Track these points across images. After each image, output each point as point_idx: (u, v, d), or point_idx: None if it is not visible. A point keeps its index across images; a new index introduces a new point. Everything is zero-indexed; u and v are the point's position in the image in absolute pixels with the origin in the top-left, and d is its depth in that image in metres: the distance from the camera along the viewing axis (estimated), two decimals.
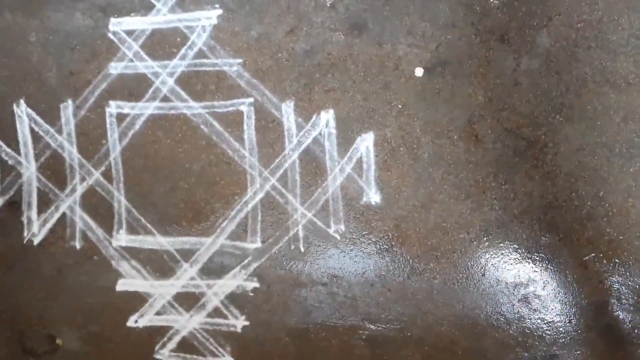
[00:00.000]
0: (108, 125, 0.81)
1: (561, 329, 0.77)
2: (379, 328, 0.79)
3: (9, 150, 0.84)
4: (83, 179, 0.83)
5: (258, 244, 0.80)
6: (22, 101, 0.83)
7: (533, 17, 0.74)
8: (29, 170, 0.84)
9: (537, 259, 0.77)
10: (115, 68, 0.80)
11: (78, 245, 0.83)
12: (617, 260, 0.75)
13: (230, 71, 0.79)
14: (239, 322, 0.81)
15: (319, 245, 0.80)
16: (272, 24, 0.78)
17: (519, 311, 0.78)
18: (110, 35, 0.81)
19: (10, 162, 0.84)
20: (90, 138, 0.82)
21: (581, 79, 0.74)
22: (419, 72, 0.76)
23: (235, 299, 0.81)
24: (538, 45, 0.74)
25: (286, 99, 0.78)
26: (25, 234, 0.85)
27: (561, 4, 0.74)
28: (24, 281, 0.85)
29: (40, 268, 0.85)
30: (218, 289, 0.81)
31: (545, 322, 0.77)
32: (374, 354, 0.80)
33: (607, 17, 0.73)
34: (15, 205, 0.84)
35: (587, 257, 0.75)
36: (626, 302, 0.75)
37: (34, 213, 0.84)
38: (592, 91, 0.74)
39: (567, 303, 0.77)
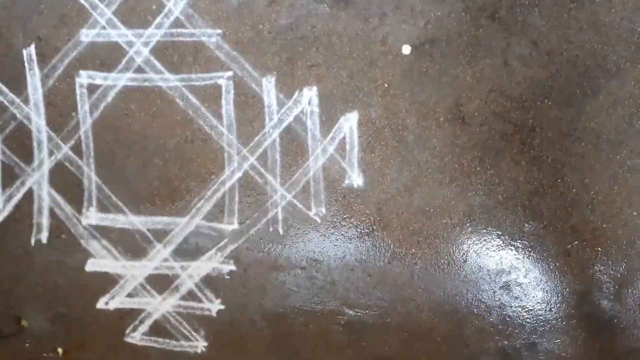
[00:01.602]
0: (78, 97, 0.77)
1: (542, 317, 0.76)
2: (358, 314, 0.78)
3: None
4: (51, 153, 0.79)
5: (235, 226, 0.78)
6: None
7: None
8: None
9: (520, 246, 0.75)
10: (86, 35, 0.76)
11: (45, 223, 0.79)
12: (599, 249, 0.74)
13: (209, 42, 0.75)
14: (214, 306, 0.79)
15: (299, 228, 0.77)
16: None
17: (500, 298, 0.77)
18: (82, 0, 0.76)
19: None
20: (59, 109, 0.78)
21: (572, 61, 0.72)
22: (406, 49, 0.73)
23: (211, 282, 0.79)
24: (529, 25, 0.72)
25: (267, 73, 0.75)
26: None
27: None
28: None
29: (5, 246, 0.81)
30: (193, 271, 0.79)
31: (526, 309, 0.77)
32: (352, 340, 0.78)
33: None
34: None
35: (570, 245, 0.74)
36: (607, 291, 0.75)
37: None
38: (582, 75, 0.72)
39: (549, 291, 0.76)
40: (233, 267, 0.79)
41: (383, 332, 0.78)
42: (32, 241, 0.80)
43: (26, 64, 0.77)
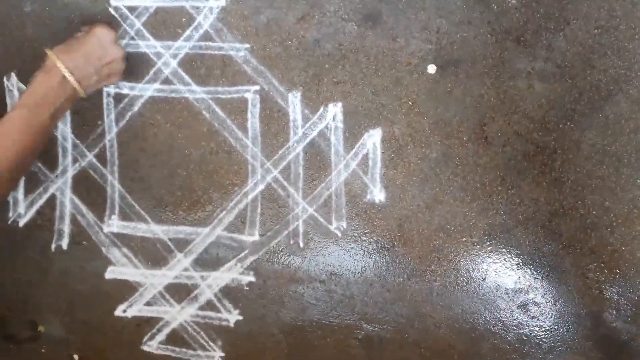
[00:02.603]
0: (105, 106, 0.78)
1: (558, 337, 0.77)
2: (376, 328, 0.78)
3: None
4: (75, 161, 0.79)
5: (256, 237, 0.78)
6: (13, 75, 0.79)
7: (550, 20, 0.73)
8: None
9: (539, 265, 0.76)
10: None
11: (67, 229, 0.80)
12: (618, 271, 0.75)
13: (237, 56, 0.76)
14: (232, 317, 0.79)
15: (319, 242, 0.78)
16: (283, 9, 0.76)
17: (517, 317, 0.77)
18: (112, 11, 0.77)
19: None
20: (85, 118, 0.79)
21: (595, 86, 0.73)
22: (431, 69, 0.75)
23: (230, 293, 0.79)
24: (554, 49, 0.73)
25: (293, 88, 0.76)
26: (10, 214, 0.81)
27: (580, 8, 0.73)
28: (7, 264, 0.82)
29: (25, 251, 0.81)
30: (212, 282, 0.79)
31: (543, 329, 0.77)
32: (369, 355, 0.79)
33: (624, 24, 0.72)
34: None
35: (589, 267, 0.75)
36: (624, 313, 0.76)
37: (20, 193, 0.81)
38: (605, 99, 0.73)
39: (566, 311, 0.77)
40: (252, 279, 0.79)
41: (400, 348, 0.78)
42: (53, 247, 0.81)
43: None
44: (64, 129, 0.79)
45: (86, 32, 0.72)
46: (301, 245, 0.79)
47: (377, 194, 0.77)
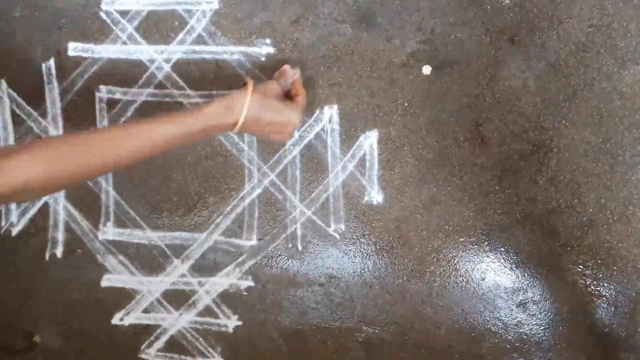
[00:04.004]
0: (97, 111, 0.77)
1: (558, 335, 0.78)
2: (376, 331, 0.78)
3: None
4: None
5: (254, 242, 0.78)
6: (3, 81, 0.78)
7: (544, 20, 0.74)
8: None
9: (537, 264, 0.77)
10: (107, 50, 0.76)
11: (61, 237, 0.79)
12: (615, 268, 0.76)
13: (231, 59, 0.75)
14: (231, 322, 0.79)
15: (318, 245, 0.78)
16: (277, 11, 0.75)
17: (517, 316, 0.78)
18: (103, 15, 0.76)
19: None
20: (78, 124, 0.78)
21: (589, 84, 0.74)
22: (426, 70, 0.75)
23: (228, 298, 0.79)
24: (547, 48, 0.74)
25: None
26: (2, 223, 0.80)
27: (572, 7, 0.73)
28: (0, 274, 0.81)
29: (18, 260, 0.80)
30: (210, 287, 0.79)
31: (543, 327, 0.78)
32: (370, 357, 0.79)
33: (616, 22, 0.73)
34: None
35: (586, 264, 0.75)
36: (622, 310, 0.76)
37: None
38: (599, 97, 0.74)
39: (565, 309, 0.77)
40: (251, 283, 0.79)
41: (401, 349, 0.78)
42: (47, 256, 0.80)
43: (45, 78, 0.78)
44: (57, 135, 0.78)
45: (294, 99, 0.67)
46: (299, 248, 0.78)
47: (375, 196, 0.77)
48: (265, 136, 0.65)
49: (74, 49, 0.77)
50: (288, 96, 0.70)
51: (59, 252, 0.80)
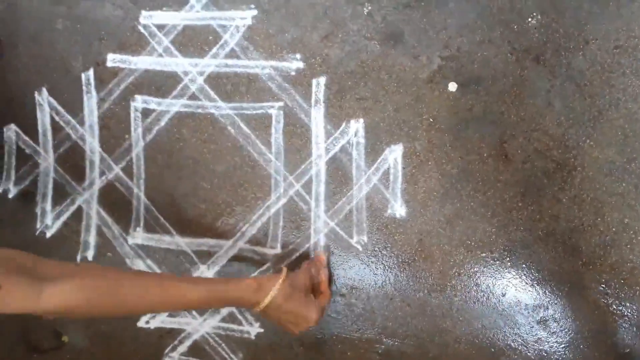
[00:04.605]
0: (132, 120, 0.80)
1: (578, 354, 0.77)
2: (396, 343, 0.79)
3: (26, 138, 0.83)
4: (102, 173, 0.81)
5: (278, 250, 0.80)
6: (44, 89, 0.82)
7: (570, 40, 0.75)
8: (47, 160, 0.82)
9: (559, 282, 0.77)
10: (143, 62, 0.79)
11: (92, 241, 0.82)
12: (638, 288, 0.76)
13: (262, 73, 0.78)
14: (253, 329, 0.80)
15: (340, 255, 0.79)
16: (307, 28, 0.78)
17: (537, 333, 0.78)
18: (141, 28, 0.80)
19: (27, 151, 0.83)
20: (113, 132, 0.81)
21: (614, 104, 0.75)
22: (452, 87, 0.76)
23: None
24: (573, 68, 0.75)
25: (316, 105, 0.78)
26: (37, 225, 0.83)
27: (598, 28, 0.74)
28: None
29: None
30: None
31: (563, 345, 0.78)
32: None
33: None
34: (29, 195, 0.83)
35: (609, 283, 0.75)
36: None
37: (48, 205, 0.83)
38: (624, 117, 0.74)
39: (586, 328, 0.77)
40: None
41: None
42: (79, 258, 0.83)
43: (84, 87, 0.81)
44: (92, 143, 0.82)
45: (317, 296, 0.71)
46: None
47: (398, 209, 0.78)
48: (281, 322, 0.67)
49: (113, 60, 0.80)
50: (314, 289, 0.72)
51: (90, 255, 0.83)
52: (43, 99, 0.82)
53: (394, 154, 0.78)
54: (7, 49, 0.83)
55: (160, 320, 0.83)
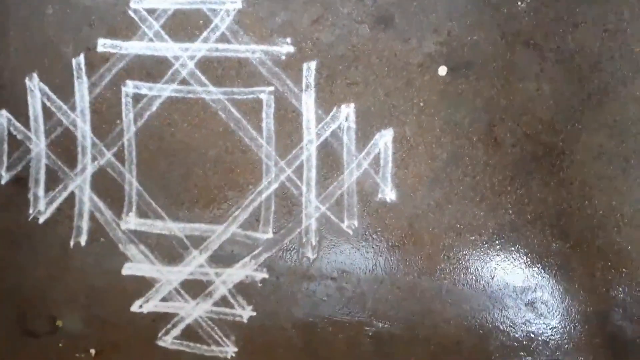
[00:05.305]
0: (123, 105, 0.81)
1: (566, 335, 0.79)
2: (386, 325, 0.80)
3: (18, 124, 0.83)
4: (94, 159, 0.82)
5: (270, 235, 0.80)
6: (35, 75, 0.82)
7: (559, 24, 0.75)
8: (39, 146, 0.82)
9: (547, 264, 0.78)
10: (134, 47, 0.79)
11: (85, 226, 0.82)
12: (624, 270, 0.77)
13: (252, 58, 0.78)
14: (246, 312, 0.82)
15: (331, 240, 0.80)
16: (298, 11, 0.78)
17: (525, 315, 0.79)
18: (131, 13, 0.80)
19: (19, 136, 0.83)
20: (105, 117, 0.81)
21: (603, 88, 0.75)
22: (442, 71, 0.77)
23: (243, 289, 0.82)
24: (562, 51, 0.75)
25: (307, 89, 0.78)
26: (30, 211, 0.83)
27: (588, 12, 0.75)
28: (27, 260, 0.85)
29: (44, 247, 0.84)
30: (226, 278, 0.81)
31: (551, 327, 0.79)
32: (380, 351, 0.81)
33: (632, 28, 0.74)
34: (22, 181, 0.84)
35: (596, 265, 0.76)
36: (631, 312, 0.77)
37: (41, 190, 0.83)
38: (613, 101, 0.75)
39: (573, 310, 0.79)
40: (266, 275, 0.81)
41: (410, 345, 0.80)
42: (72, 243, 0.83)
43: (75, 73, 0.81)
44: (84, 128, 0.82)
45: None
46: (313, 243, 0.81)
47: (389, 193, 0.79)
48: None
49: (103, 45, 0.80)
50: None
51: (83, 240, 0.83)
52: (34, 84, 0.82)
53: (385, 139, 0.79)
54: None
55: (153, 305, 0.84)
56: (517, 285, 0.80)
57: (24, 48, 0.82)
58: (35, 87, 0.82)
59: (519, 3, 0.76)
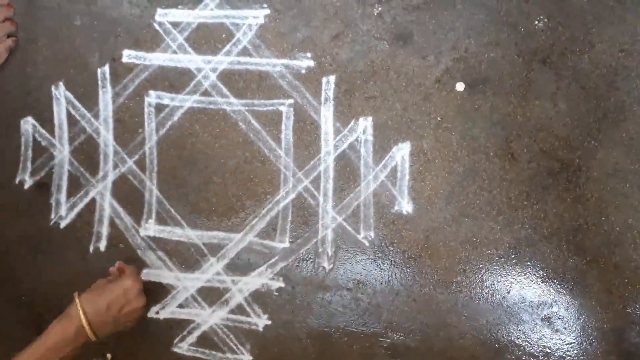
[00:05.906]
0: (146, 115, 0.83)
1: (582, 352, 0.79)
2: (401, 337, 0.80)
3: (43, 131, 0.85)
4: (116, 166, 0.84)
5: (286, 244, 0.81)
6: (61, 83, 0.84)
7: (576, 43, 0.77)
8: (62, 153, 0.85)
9: (563, 280, 0.78)
10: (158, 58, 0.82)
11: (105, 232, 0.84)
12: None
13: (273, 71, 0.80)
14: (261, 321, 0.82)
15: (347, 250, 0.81)
16: (318, 27, 0.80)
17: (541, 330, 0.79)
18: (156, 26, 0.82)
19: (43, 143, 0.85)
20: (127, 126, 0.83)
21: (619, 106, 0.76)
22: (460, 86, 0.78)
23: (259, 297, 0.82)
24: (579, 70, 0.76)
25: (326, 102, 0.80)
26: (52, 216, 0.85)
27: (604, 32, 0.76)
28: (46, 264, 0.86)
29: (64, 252, 0.85)
30: (243, 286, 0.82)
31: (566, 343, 0.79)
32: None
33: None
34: (44, 186, 0.85)
35: (612, 282, 0.77)
36: None
37: (63, 196, 0.85)
38: (629, 119, 0.76)
39: (589, 326, 0.78)
40: (282, 284, 0.82)
41: (425, 357, 0.81)
42: (91, 249, 0.85)
43: (99, 82, 0.83)
44: (106, 136, 0.84)
45: (114, 279, 0.76)
46: (329, 253, 0.82)
47: (405, 206, 0.80)
48: (122, 319, 0.72)
49: (128, 56, 0.83)
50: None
51: (102, 245, 0.85)
52: (60, 92, 0.84)
53: (402, 152, 0.80)
54: (27, 43, 0.86)
55: (169, 311, 0.84)
56: (533, 300, 0.80)
57: (52, 57, 0.85)
58: (61, 95, 0.84)
59: (536, 22, 0.78)
